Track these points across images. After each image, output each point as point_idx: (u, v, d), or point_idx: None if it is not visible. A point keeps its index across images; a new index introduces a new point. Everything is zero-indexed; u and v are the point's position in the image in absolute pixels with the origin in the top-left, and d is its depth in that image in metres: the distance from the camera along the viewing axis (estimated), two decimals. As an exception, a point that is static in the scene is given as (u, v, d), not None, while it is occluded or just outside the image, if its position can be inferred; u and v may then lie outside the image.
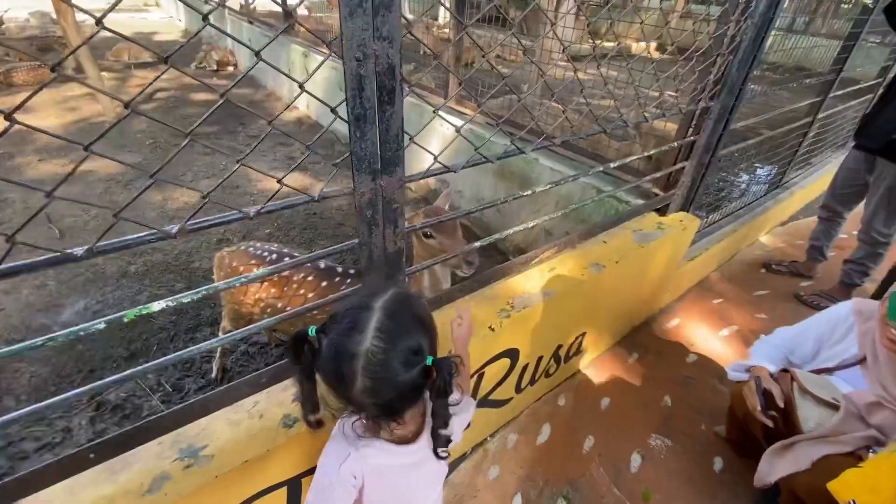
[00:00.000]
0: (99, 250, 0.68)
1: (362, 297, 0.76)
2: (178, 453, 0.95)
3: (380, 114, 0.85)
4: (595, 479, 1.66)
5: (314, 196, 0.86)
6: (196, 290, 0.84)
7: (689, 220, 2.06)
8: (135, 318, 0.78)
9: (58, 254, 0.66)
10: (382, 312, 0.72)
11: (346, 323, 0.72)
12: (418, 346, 0.73)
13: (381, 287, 0.80)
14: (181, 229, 0.74)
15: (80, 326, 0.74)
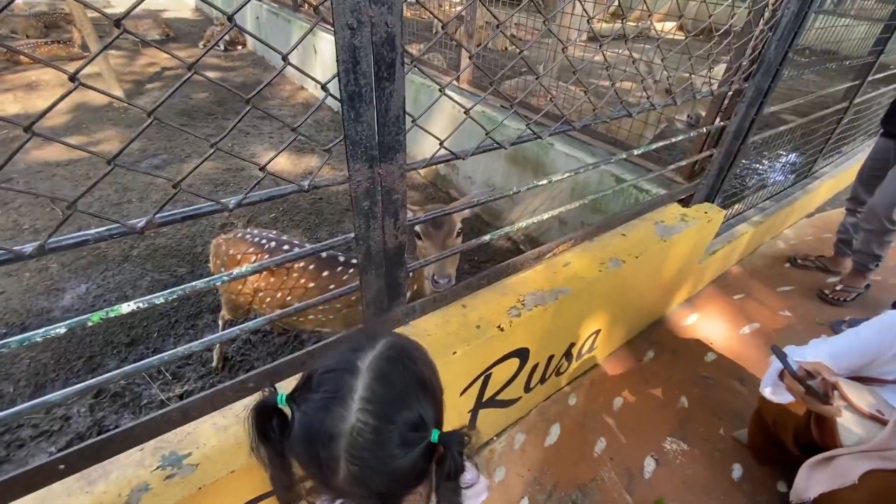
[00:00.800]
0: (51, 247, 0.59)
1: (344, 352, 0.61)
2: (159, 461, 0.88)
3: (378, 91, 0.74)
4: (606, 484, 1.58)
5: (304, 185, 0.77)
6: (171, 290, 0.75)
7: (715, 212, 1.93)
8: (100, 321, 0.69)
9: (3, 252, 0.57)
10: (371, 375, 0.57)
11: (323, 391, 0.56)
12: (419, 418, 0.57)
13: (368, 337, 0.63)
14: (149, 223, 0.65)
15: (40, 331, 0.66)
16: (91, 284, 2.49)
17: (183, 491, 0.84)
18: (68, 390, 0.74)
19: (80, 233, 0.62)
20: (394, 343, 0.63)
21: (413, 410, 0.57)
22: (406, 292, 1.09)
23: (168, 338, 2.23)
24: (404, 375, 0.59)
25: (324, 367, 0.59)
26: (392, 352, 0.61)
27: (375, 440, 0.54)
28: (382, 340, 0.62)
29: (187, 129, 4.11)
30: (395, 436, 0.55)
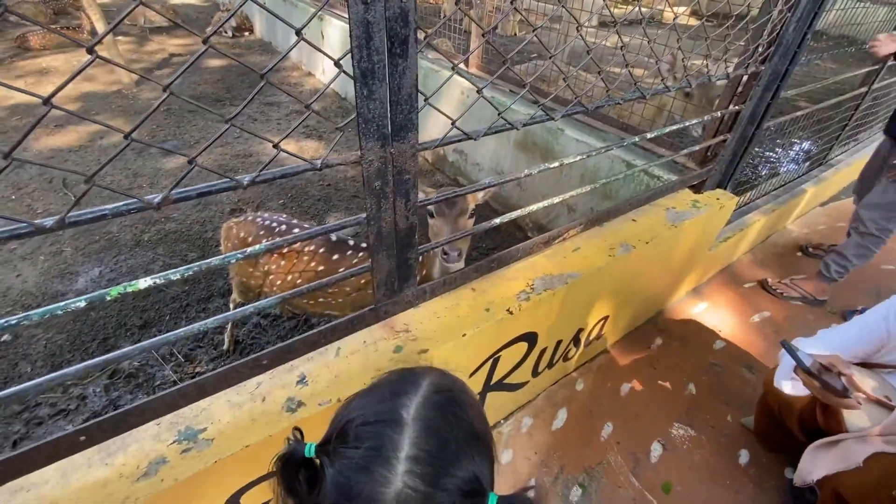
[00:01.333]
0: (70, 221, 0.60)
1: (384, 398, 0.52)
2: (176, 435, 0.90)
3: (390, 68, 0.73)
4: (613, 468, 1.60)
5: (316, 164, 0.77)
6: (187, 266, 0.76)
7: (727, 199, 1.91)
8: (118, 296, 0.71)
9: (25, 224, 0.58)
10: (418, 428, 0.48)
11: (363, 448, 0.48)
12: (474, 479, 0.48)
13: (410, 379, 0.54)
14: (165, 198, 0.65)
15: (60, 304, 0.67)
16: (104, 268, 2.52)
17: (199, 464, 0.86)
18: (87, 363, 0.75)
19: (99, 207, 0.63)
20: (440, 385, 0.54)
21: (467, 470, 0.48)
22: (416, 274, 1.10)
23: (180, 321, 2.26)
24: (455, 426, 0.50)
25: (362, 417, 0.51)
26: (439, 396, 0.52)
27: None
28: (426, 382, 0.54)
29: (195, 115, 4.11)
30: (448, 501, 0.46)
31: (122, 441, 0.89)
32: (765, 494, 1.56)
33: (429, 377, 0.55)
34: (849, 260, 2.24)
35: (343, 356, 1.08)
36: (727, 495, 1.55)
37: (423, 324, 1.18)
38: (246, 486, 0.97)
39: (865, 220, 2.14)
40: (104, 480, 0.82)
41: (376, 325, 1.14)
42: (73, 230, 2.77)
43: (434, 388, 0.54)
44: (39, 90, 4.59)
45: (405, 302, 1.14)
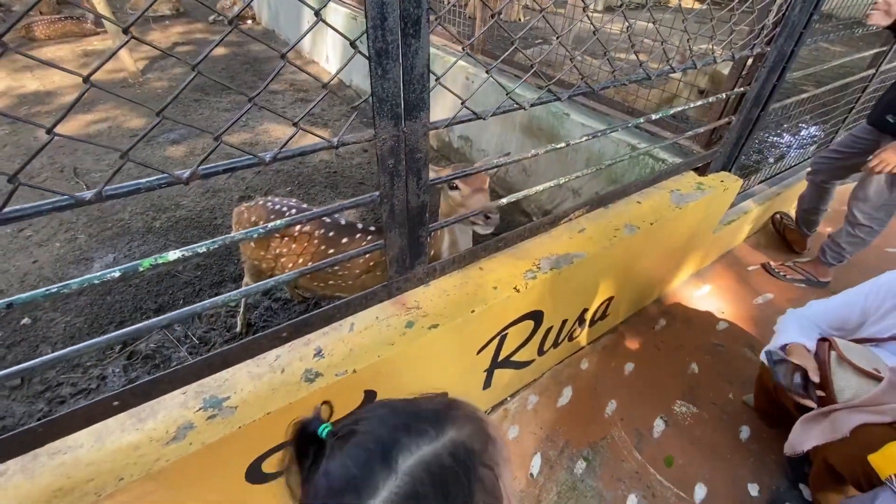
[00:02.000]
0: (108, 194, 0.64)
1: (404, 422, 0.48)
2: (201, 403, 0.95)
3: (404, 48, 0.76)
4: (616, 443, 1.64)
5: (333, 142, 0.80)
6: (213, 240, 0.80)
7: (731, 181, 1.92)
8: (151, 267, 0.75)
9: (67, 197, 0.62)
10: (403, 485, 0.43)
11: (351, 466, 0.45)
12: None
13: (439, 417, 0.49)
14: (193, 174, 0.69)
15: (96, 275, 0.72)
16: (118, 254, 2.58)
17: (224, 429, 0.91)
18: (101, 339, 0.80)
19: (133, 181, 0.67)
20: (461, 446, 0.47)
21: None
22: (428, 252, 1.13)
23: (193, 305, 2.31)
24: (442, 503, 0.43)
25: (369, 432, 0.48)
26: (450, 461, 0.45)
27: None
28: (451, 434, 0.47)
29: (201, 104, 4.14)
30: None
31: (151, 408, 0.94)
32: (765, 468, 1.60)
33: (458, 431, 0.48)
34: (842, 248, 2.27)
35: (357, 331, 1.13)
36: (728, 469, 1.59)
37: (433, 301, 1.22)
38: (266, 452, 1.03)
39: (855, 211, 2.15)
40: (136, 444, 0.88)
41: (388, 301, 1.18)
42: (87, 218, 2.82)
43: (453, 446, 0.46)
44: (46, 81, 4.63)
45: (416, 279, 1.18)
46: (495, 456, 0.48)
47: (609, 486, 1.52)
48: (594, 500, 1.49)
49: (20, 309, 2.23)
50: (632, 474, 1.56)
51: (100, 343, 0.79)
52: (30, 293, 0.68)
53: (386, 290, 1.13)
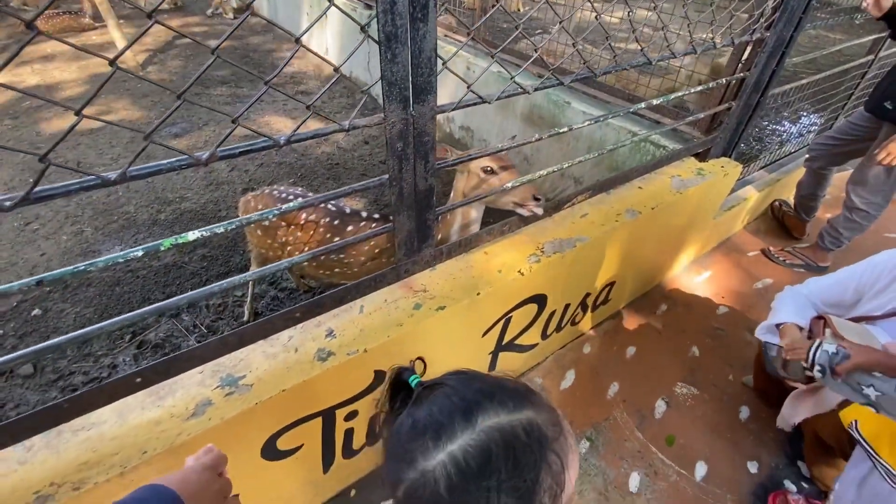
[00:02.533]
0: (131, 175, 0.67)
1: (477, 390, 0.51)
2: (218, 382, 0.98)
3: (412, 32, 0.79)
4: (619, 423, 1.68)
5: (344, 125, 0.83)
6: (229, 221, 0.83)
7: (731, 167, 1.95)
8: (172, 246, 0.78)
9: (94, 177, 0.65)
10: (478, 440, 0.46)
11: (434, 413, 0.49)
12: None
13: (521, 396, 0.51)
14: (211, 155, 0.71)
15: (120, 254, 0.75)
16: (124, 246, 2.61)
17: (242, 405, 0.94)
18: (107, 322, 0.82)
19: (155, 163, 0.70)
20: (533, 426, 0.48)
21: None
22: (435, 235, 1.16)
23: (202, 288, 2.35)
24: (510, 474, 0.45)
25: (453, 389, 0.51)
26: (522, 436, 0.47)
27: (432, 502, 0.45)
28: (528, 414, 0.49)
29: (202, 98, 4.16)
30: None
31: (170, 387, 0.97)
32: (763, 446, 1.64)
33: (536, 413, 0.50)
34: (840, 233, 2.30)
35: (367, 313, 1.16)
36: (728, 447, 1.63)
37: (439, 284, 1.25)
38: (282, 429, 1.06)
39: (853, 196, 2.18)
40: (157, 419, 0.91)
41: (396, 284, 1.21)
42: (92, 211, 2.85)
43: (529, 424, 0.48)
44: (46, 75, 4.64)
45: (423, 262, 1.21)
46: (565, 448, 0.50)
47: (612, 464, 1.56)
48: (598, 478, 1.53)
49: (31, 300, 2.27)
50: (634, 453, 1.60)
51: (111, 326, 0.81)
52: (59, 271, 0.71)
53: (394, 272, 1.16)
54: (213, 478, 0.54)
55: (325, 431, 1.17)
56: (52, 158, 0.58)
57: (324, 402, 1.10)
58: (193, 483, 0.50)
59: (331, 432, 1.19)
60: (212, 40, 5.68)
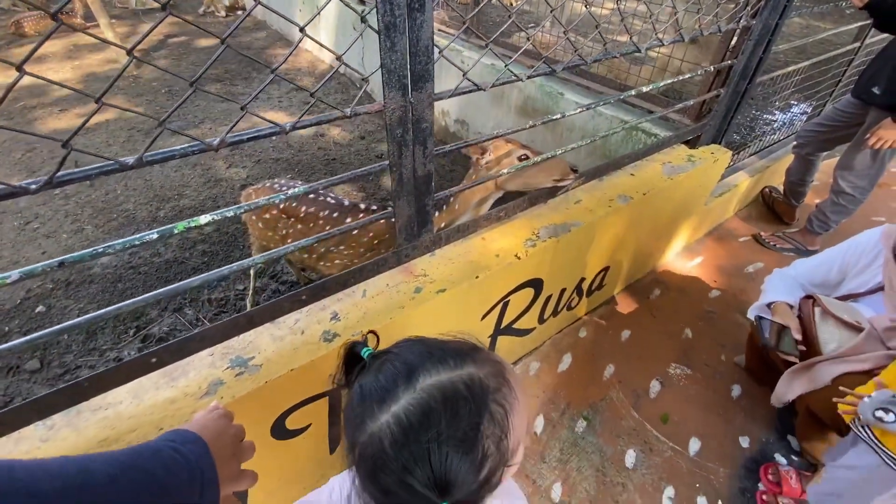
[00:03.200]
0: (147, 160, 0.70)
1: (420, 353, 0.55)
2: (228, 363, 1.02)
3: (410, 22, 0.82)
4: (615, 403, 1.73)
5: (346, 111, 0.86)
6: (238, 206, 0.87)
7: (721, 153, 2.00)
8: (185, 230, 0.81)
9: (112, 162, 0.68)
10: (419, 399, 0.50)
11: (380, 379, 0.53)
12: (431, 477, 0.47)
13: (462, 354, 0.55)
14: (221, 141, 0.75)
15: (136, 237, 0.78)
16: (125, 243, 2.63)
17: (252, 384, 0.98)
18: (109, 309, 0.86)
19: (169, 148, 0.73)
20: (474, 381, 0.52)
21: (429, 470, 0.47)
22: (433, 220, 1.20)
23: (202, 290, 2.38)
24: (450, 428, 0.48)
25: (398, 356, 0.55)
26: (461, 391, 0.51)
27: (379, 464, 0.49)
28: (469, 369, 0.53)
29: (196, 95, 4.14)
30: (399, 475, 0.48)
31: (182, 368, 1.01)
32: (755, 422, 1.70)
33: (477, 368, 0.53)
34: (828, 217, 2.37)
35: (369, 296, 1.20)
36: (720, 424, 1.69)
37: (438, 268, 1.29)
38: (290, 409, 1.10)
39: (840, 181, 2.24)
40: (172, 398, 0.95)
41: (397, 269, 1.25)
42: (92, 209, 2.87)
43: (469, 378, 0.52)
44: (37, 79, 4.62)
45: (423, 247, 1.25)
46: (509, 397, 0.53)
47: (609, 442, 1.62)
48: (595, 455, 1.58)
49: (35, 298, 2.29)
50: (630, 431, 1.65)
51: (111, 313, 0.84)
52: (79, 252, 0.75)
53: (395, 256, 1.20)
54: (228, 424, 0.58)
55: (332, 412, 1.22)
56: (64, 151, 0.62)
57: (330, 383, 1.14)
58: (211, 428, 0.54)
59: (336, 413, 1.23)
60: (204, 39, 5.68)
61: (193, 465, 0.47)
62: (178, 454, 0.46)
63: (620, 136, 2.45)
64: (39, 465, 0.37)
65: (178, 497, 0.44)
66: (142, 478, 0.42)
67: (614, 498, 1.47)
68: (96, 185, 3.10)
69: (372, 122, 4.03)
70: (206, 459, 0.49)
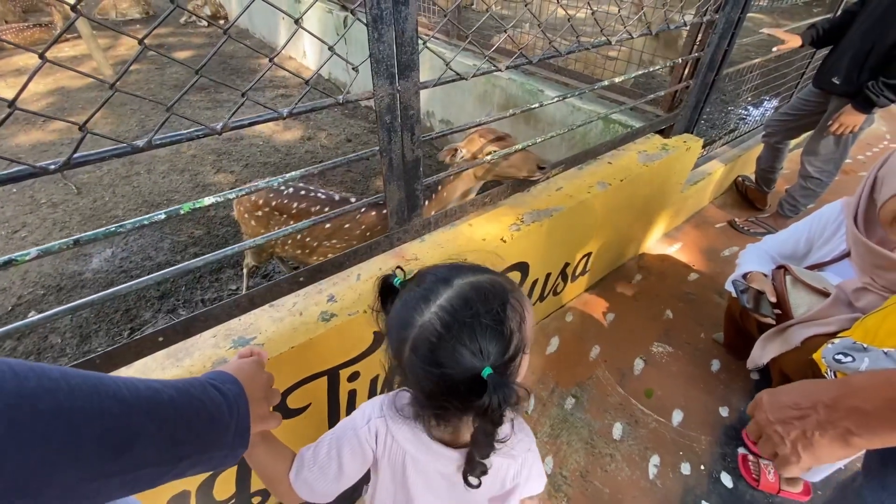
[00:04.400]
0: (157, 143, 0.76)
1: (452, 267, 0.67)
2: (231, 343, 1.07)
3: (395, 14, 0.89)
4: (601, 381, 1.81)
5: (339, 99, 0.93)
6: (240, 188, 0.92)
7: (693, 141, 2.10)
8: (190, 211, 0.87)
9: (125, 145, 0.74)
10: (457, 292, 0.61)
11: (420, 288, 0.63)
12: (478, 349, 0.58)
13: (480, 268, 0.68)
14: (225, 126, 0.81)
15: (145, 217, 0.84)
16: (116, 249, 2.65)
17: (255, 362, 1.03)
18: (101, 294, 0.91)
19: (175, 132, 0.79)
20: (495, 282, 0.64)
21: (475, 341, 0.58)
22: (422, 205, 1.27)
23: (195, 290, 2.41)
24: (484, 309, 0.59)
25: (432, 269, 0.67)
26: (487, 286, 0.62)
27: (434, 343, 0.58)
28: (491, 276, 0.65)
29: (181, 103, 4.16)
30: (451, 348, 0.58)
31: (186, 349, 1.06)
32: (734, 393, 1.79)
33: (498, 278, 0.66)
34: (797, 200, 2.51)
35: (363, 280, 1.26)
36: (701, 396, 1.77)
37: (429, 252, 1.36)
38: (291, 387, 1.15)
39: (807, 165, 2.39)
40: (177, 376, 0.99)
41: (389, 252, 1.32)
42: (80, 217, 2.88)
43: (489, 280, 0.63)
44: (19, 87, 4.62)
45: (414, 231, 1.31)
46: (521, 297, 0.66)
47: (597, 417, 1.69)
48: (584, 429, 1.65)
49: (26, 304, 2.30)
50: (616, 406, 1.73)
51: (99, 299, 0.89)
52: (91, 232, 0.80)
53: (388, 240, 1.27)
54: (261, 369, 0.65)
55: (330, 391, 1.27)
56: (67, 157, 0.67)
57: (328, 362, 1.19)
58: (246, 371, 0.61)
59: (335, 393, 1.29)
60: (186, 50, 5.69)
61: (231, 401, 0.53)
62: (220, 391, 0.53)
63: (599, 130, 2.55)
64: (121, 378, 0.44)
65: (220, 426, 0.51)
66: (195, 405, 0.48)
67: (603, 468, 1.54)
68: (83, 192, 3.10)
69: (358, 126, 4.10)
70: (242, 399, 0.56)
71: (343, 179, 3.34)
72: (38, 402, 0.35)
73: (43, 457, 0.34)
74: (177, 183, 3.24)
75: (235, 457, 0.54)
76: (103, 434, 0.39)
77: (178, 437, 0.46)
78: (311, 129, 4.00)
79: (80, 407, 0.37)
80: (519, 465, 0.77)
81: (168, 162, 3.47)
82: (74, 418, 0.37)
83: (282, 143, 3.75)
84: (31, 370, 0.36)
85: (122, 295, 2.26)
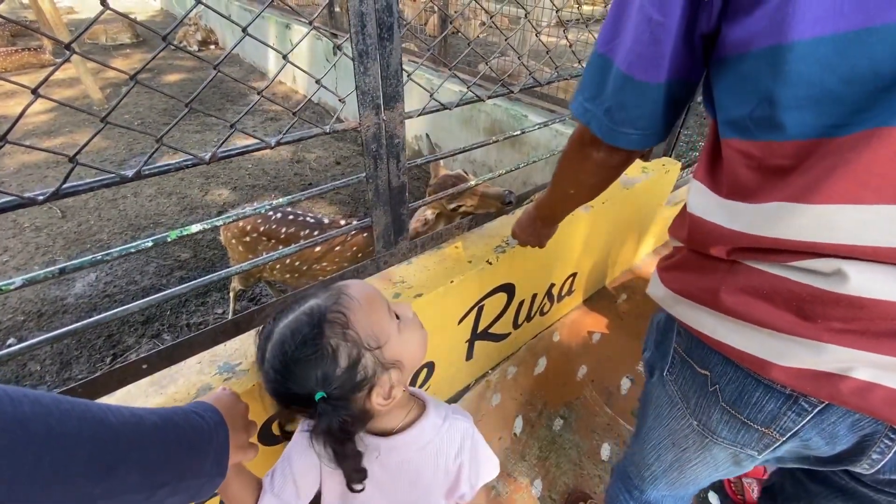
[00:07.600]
0: (145, 173, 0.78)
1: (279, 311, 0.71)
2: (216, 370, 1.07)
3: (380, 49, 0.94)
4: (588, 401, 1.82)
5: (325, 128, 0.96)
6: (227, 214, 0.94)
7: (671, 164, 2.18)
8: (177, 238, 0.88)
9: (113, 175, 0.75)
10: (277, 339, 0.65)
11: (262, 339, 0.69)
12: (310, 378, 0.62)
13: (309, 295, 0.71)
14: (213, 155, 0.83)
15: (131, 244, 0.84)
16: (100, 273, 2.62)
17: (240, 388, 1.03)
18: (84, 322, 0.92)
19: (164, 163, 0.81)
20: (313, 309, 0.66)
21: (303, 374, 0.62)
22: (408, 229, 1.30)
23: (181, 314, 2.38)
24: (296, 344, 0.62)
25: (272, 318, 0.70)
26: (303, 318, 0.65)
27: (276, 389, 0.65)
28: (311, 303, 0.67)
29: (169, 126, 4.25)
30: (283, 389, 0.64)
31: (171, 376, 1.05)
32: (718, 411, 1.81)
33: (318, 300, 0.68)
34: None
35: (350, 303, 1.27)
36: (687, 414, 1.79)
37: (415, 275, 1.37)
38: (275, 414, 1.14)
39: None
40: (161, 404, 0.99)
41: (376, 275, 1.33)
42: (64, 241, 2.85)
43: (308, 309, 0.66)
44: (9, 112, 4.59)
45: (400, 254, 1.33)
46: (345, 303, 0.67)
47: (585, 437, 1.69)
48: (572, 450, 1.65)
49: (5, 331, 2.25)
50: (604, 426, 1.74)
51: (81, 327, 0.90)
52: (78, 260, 0.81)
53: (374, 263, 1.29)
54: (238, 399, 0.65)
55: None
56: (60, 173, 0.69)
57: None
58: (225, 401, 0.61)
59: (322, 418, 1.28)
60: (177, 73, 5.75)
61: (212, 430, 0.54)
62: (202, 419, 0.54)
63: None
64: (105, 405, 0.46)
65: (199, 454, 0.51)
66: (177, 432, 0.49)
67: (592, 490, 1.54)
68: (68, 215, 3.08)
69: (347, 148, 4.15)
70: (222, 427, 0.56)
71: (332, 201, 3.36)
72: (31, 425, 0.37)
73: (34, 477, 0.36)
74: (164, 206, 3.24)
75: (214, 486, 0.54)
76: (90, 458, 0.40)
77: (159, 464, 0.47)
78: (301, 151, 4.04)
79: (69, 432, 0.39)
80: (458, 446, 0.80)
81: (155, 185, 3.47)
82: (65, 442, 0.39)
83: (270, 166, 3.78)
84: (25, 395, 0.39)
85: (103, 323, 2.24)
